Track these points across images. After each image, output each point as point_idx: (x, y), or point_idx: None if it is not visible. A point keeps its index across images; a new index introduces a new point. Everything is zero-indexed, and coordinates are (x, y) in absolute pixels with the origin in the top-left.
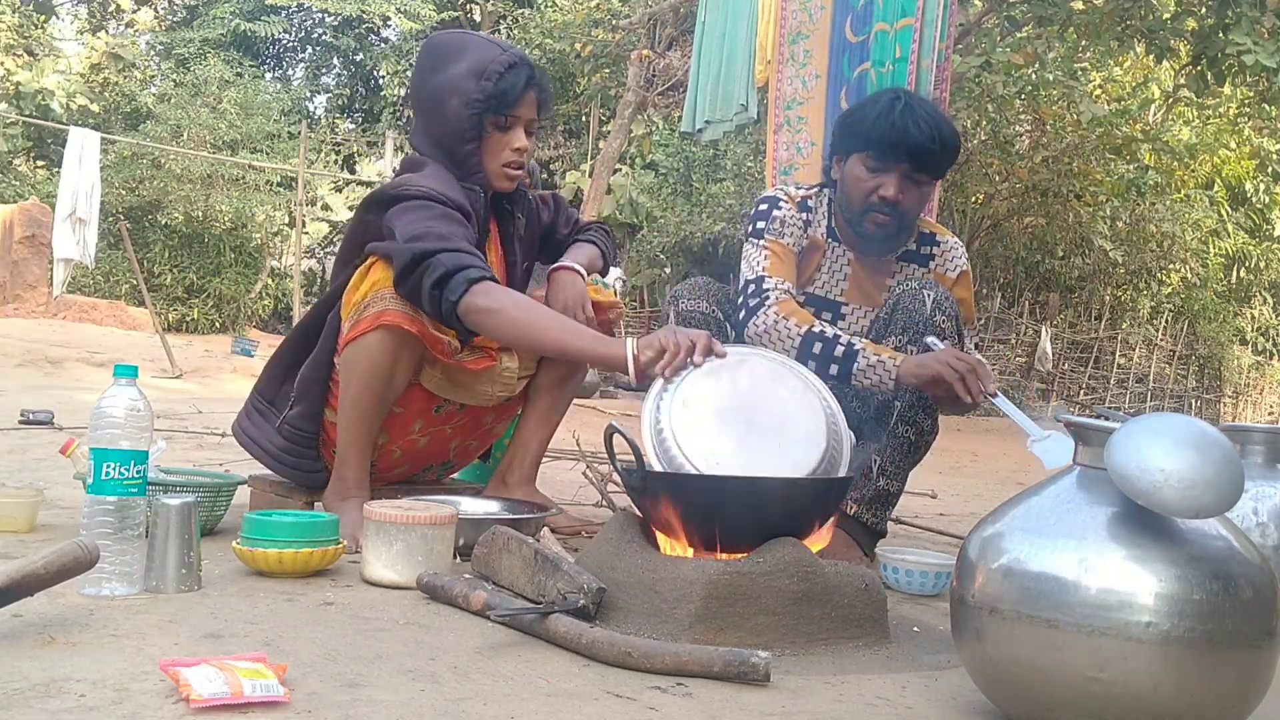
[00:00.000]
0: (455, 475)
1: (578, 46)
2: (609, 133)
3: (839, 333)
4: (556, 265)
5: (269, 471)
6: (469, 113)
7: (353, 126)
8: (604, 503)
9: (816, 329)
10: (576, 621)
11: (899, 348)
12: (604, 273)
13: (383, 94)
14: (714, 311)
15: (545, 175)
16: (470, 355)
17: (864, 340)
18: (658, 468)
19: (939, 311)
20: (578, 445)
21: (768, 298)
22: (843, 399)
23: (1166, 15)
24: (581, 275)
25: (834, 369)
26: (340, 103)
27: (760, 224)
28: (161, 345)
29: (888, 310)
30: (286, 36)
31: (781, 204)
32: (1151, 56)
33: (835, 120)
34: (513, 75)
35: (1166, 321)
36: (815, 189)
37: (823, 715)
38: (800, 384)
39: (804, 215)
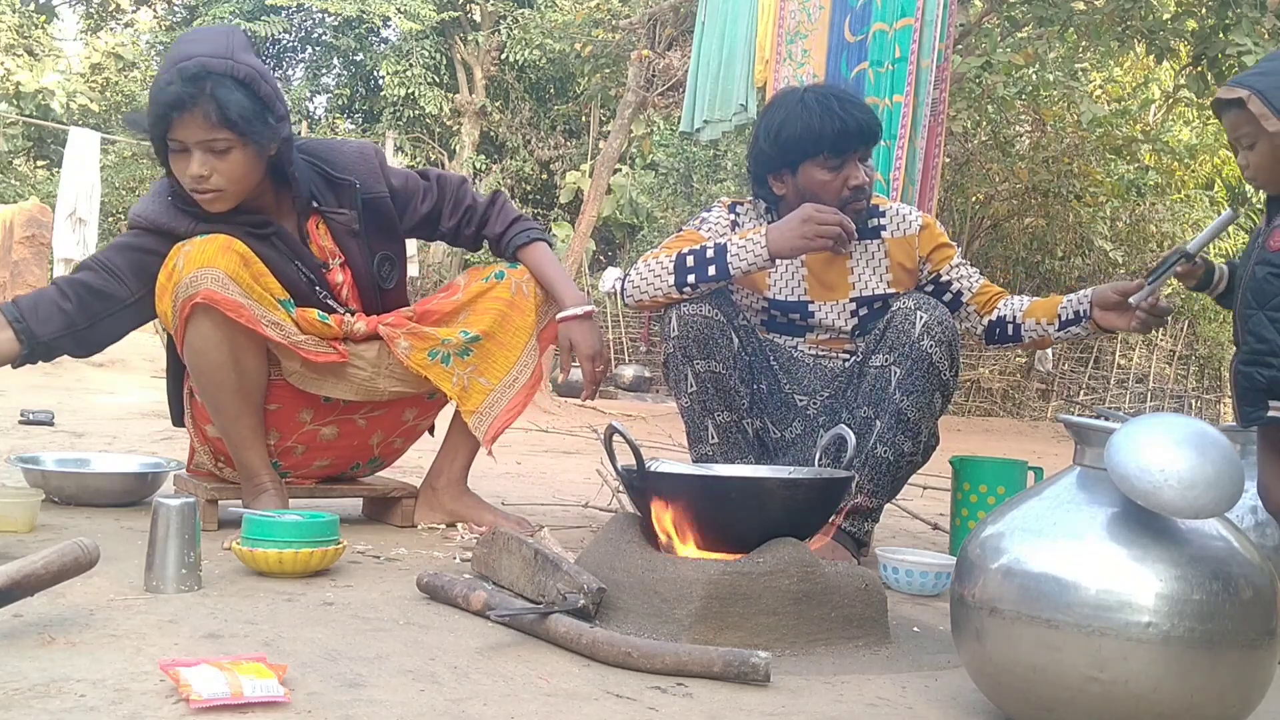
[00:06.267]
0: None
1: (578, 46)
2: (609, 133)
3: (705, 243)
4: (564, 316)
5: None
6: (147, 136)
7: (353, 127)
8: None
9: (684, 249)
10: (576, 622)
11: (884, 366)
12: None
13: (383, 94)
14: (716, 315)
15: (545, 175)
16: (314, 345)
17: (730, 235)
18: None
19: (928, 335)
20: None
21: (636, 261)
22: (837, 410)
23: (1166, 16)
24: (591, 319)
25: (711, 270)
26: (340, 103)
27: (687, 223)
28: (162, 345)
29: (880, 328)
30: (286, 36)
31: (714, 208)
32: (1152, 57)
33: (761, 141)
34: (161, 99)
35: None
36: (748, 200)
37: (823, 715)
38: None
39: (731, 217)
